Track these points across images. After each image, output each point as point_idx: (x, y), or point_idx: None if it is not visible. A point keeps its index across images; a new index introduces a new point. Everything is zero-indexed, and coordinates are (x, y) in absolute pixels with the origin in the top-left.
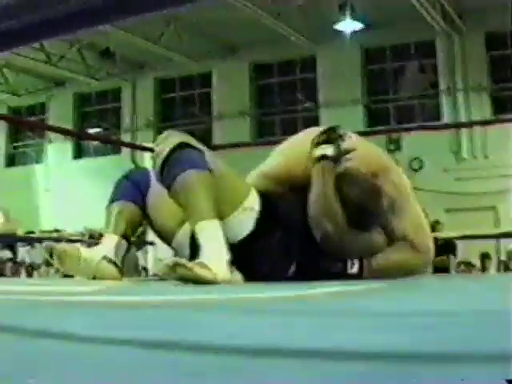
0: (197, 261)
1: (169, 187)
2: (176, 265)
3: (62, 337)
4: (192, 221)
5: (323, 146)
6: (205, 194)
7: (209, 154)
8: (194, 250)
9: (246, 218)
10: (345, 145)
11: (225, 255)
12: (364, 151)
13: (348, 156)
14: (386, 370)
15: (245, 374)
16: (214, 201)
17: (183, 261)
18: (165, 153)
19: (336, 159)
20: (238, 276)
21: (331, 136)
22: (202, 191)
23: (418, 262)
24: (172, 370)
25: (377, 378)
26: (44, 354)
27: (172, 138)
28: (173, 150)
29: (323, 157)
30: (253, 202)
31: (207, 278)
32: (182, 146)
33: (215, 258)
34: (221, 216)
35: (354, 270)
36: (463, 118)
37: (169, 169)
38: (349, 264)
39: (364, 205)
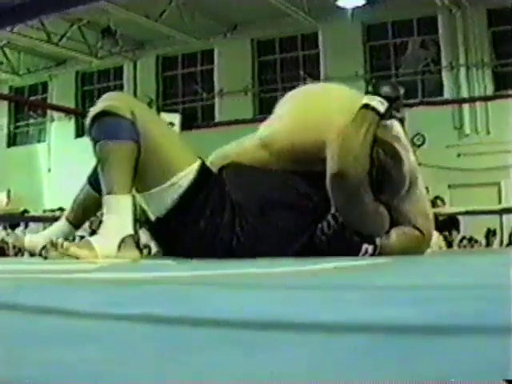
0: (82, 240)
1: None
2: (52, 245)
3: (63, 314)
4: (102, 192)
5: (376, 97)
6: (117, 167)
7: (145, 123)
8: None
9: (168, 194)
10: (398, 114)
11: (122, 231)
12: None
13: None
14: (388, 342)
15: (247, 347)
16: (129, 174)
17: (59, 241)
18: (88, 119)
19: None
20: (133, 253)
21: (392, 94)
22: (114, 163)
23: (422, 248)
24: (175, 344)
25: (378, 350)
26: (46, 331)
27: (102, 103)
28: (96, 117)
29: (369, 106)
30: (183, 179)
31: (84, 257)
32: (104, 113)
33: (107, 234)
34: (144, 188)
35: (370, 251)
36: (465, 94)
37: (91, 137)
38: (363, 247)
39: (385, 177)
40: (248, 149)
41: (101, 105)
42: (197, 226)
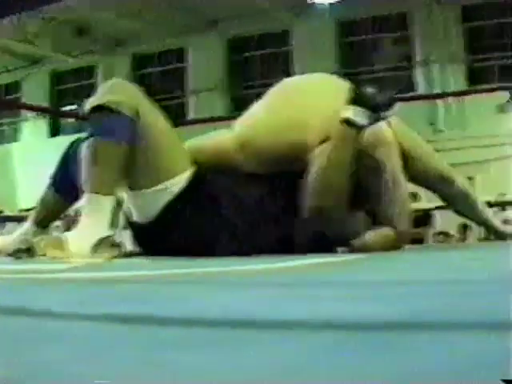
0: (56, 238)
1: None
2: (30, 245)
3: (37, 314)
4: (84, 189)
5: (358, 110)
6: (103, 166)
7: (147, 123)
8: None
9: (159, 197)
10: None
11: (99, 232)
12: None
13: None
14: (362, 339)
15: (220, 345)
16: (115, 175)
17: (35, 242)
18: (87, 108)
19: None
20: (108, 253)
21: (371, 98)
22: (101, 162)
23: (399, 247)
24: (147, 343)
25: (353, 347)
26: (20, 331)
27: (106, 95)
28: (96, 108)
29: (350, 122)
30: (175, 185)
31: (57, 256)
32: (102, 107)
33: (83, 233)
34: (135, 187)
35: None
36: (439, 90)
37: (88, 129)
38: (339, 250)
39: (365, 183)
40: (226, 147)
41: (104, 97)
42: (182, 232)
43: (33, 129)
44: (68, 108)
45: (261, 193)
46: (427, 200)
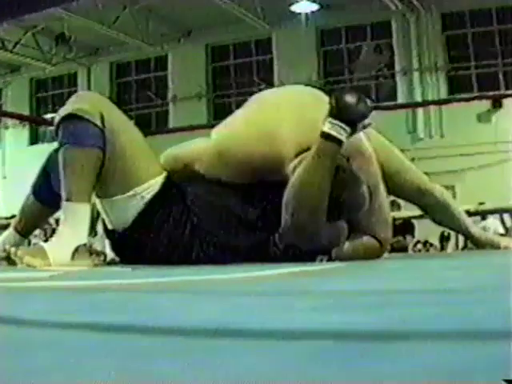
0: (35, 247)
1: None
2: (10, 254)
3: (14, 323)
4: (62, 197)
5: (337, 122)
6: (79, 174)
7: (114, 129)
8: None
9: (131, 204)
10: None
11: (77, 240)
12: None
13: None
14: (344, 349)
15: (196, 354)
16: (90, 182)
17: (12, 250)
18: (56, 120)
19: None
20: (86, 262)
21: (352, 112)
22: (76, 170)
23: (378, 255)
24: (127, 353)
25: (328, 357)
26: (1, 341)
27: (72, 104)
28: (64, 118)
29: (330, 137)
30: (147, 190)
31: (37, 266)
32: (72, 116)
33: (61, 242)
34: (106, 195)
35: (324, 261)
36: (419, 98)
37: (58, 138)
38: (318, 258)
39: (342, 195)
40: (203, 154)
41: (70, 106)
42: (157, 240)
43: (13, 137)
44: (48, 116)
45: (235, 201)
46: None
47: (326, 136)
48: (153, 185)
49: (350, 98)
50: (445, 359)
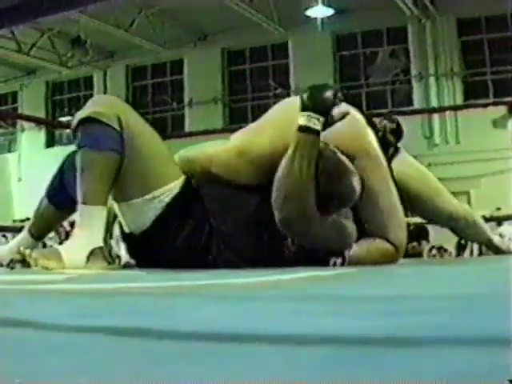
0: (50, 249)
1: None
2: (24, 256)
3: (31, 326)
4: (77, 199)
5: (309, 113)
6: (96, 177)
7: (132, 133)
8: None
9: (149, 207)
10: (335, 114)
11: (92, 243)
12: (349, 128)
13: (332, 129)
14: (354, 354)
15: (213, 359)
16: (107, 185)
17: (27, 251)
18: (74, 123)
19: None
20: (101, 265)
21: (322, 102)
22: (93, 173)
23: (392, 258)
24: (141, 356)
25: (345, 362)
26: (16, 343)
27: (91, 108)
28: (82, 121)
29: (306, 128)
30: (165, 194)
31: (52, 267)
32: (89, 119)
33: (76, 245)
34: (124, 198)
35: (338, 263)
36: (435, 104)
37: (75, 142)
38: (332, 260)
39: (330, 185)
40: (222, 155)
41: (88, 110)
42: (174, 243)
43: (29, 139)
44: (64, 119)
45: (252, 203)
46: None
47: (302, 129)
48: (171, 188)
49: (316, 90)
50: (455, 366)
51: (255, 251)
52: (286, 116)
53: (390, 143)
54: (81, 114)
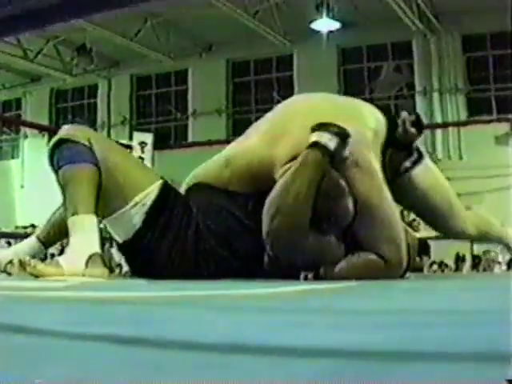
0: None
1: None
2: (22, 263)
3: (35, 332)
4: (67, 215)
5: (325, 134)
6: (80, 188)
7: (103, 148)
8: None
9: (133, 213)
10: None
11: (89, 249)
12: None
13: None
14: (354, 367)
15: (212, 370)
16: (92, 194)
17: (26, 258)
18: (48, 151)
19: (332, 156)
20: (100, 271)
21: (339, 130)
22: (76, 185)
23: (383, 273)
24: (140, 365)
25: (345, 375)
26: (16, 350)
27: (59, 134)
28: (55, 146)
29: (319, 145)
30: (146, 197)
31: (52, 274)
32: (60, 142)
33: (73, 252)
34: (108, 213)
35: (310, 277)
36: (438, 119)
37: (53, 167)
38: (302, 275)
39: (327, 205)
40: (212, 167)
41: (60, 134)
42: (163, 244)
43: (32, 146)
44: None
45: (238, 209)
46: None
47: (313, 144)
48: (151, 191)
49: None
50: (456, 380)
51: (238, 253)
52: (273, 119)
53: (411, 136)
54: (52, 141)
